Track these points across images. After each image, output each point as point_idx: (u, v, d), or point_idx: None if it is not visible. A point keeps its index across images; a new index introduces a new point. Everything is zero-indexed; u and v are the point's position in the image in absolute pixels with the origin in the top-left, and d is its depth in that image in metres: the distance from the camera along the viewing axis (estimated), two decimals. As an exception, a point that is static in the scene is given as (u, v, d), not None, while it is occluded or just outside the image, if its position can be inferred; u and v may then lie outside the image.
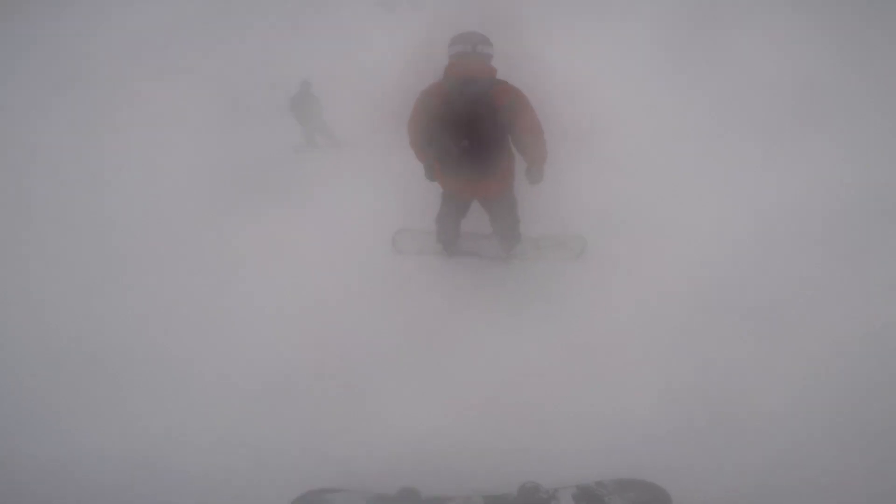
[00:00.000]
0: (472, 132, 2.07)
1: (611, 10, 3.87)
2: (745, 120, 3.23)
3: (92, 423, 2.83)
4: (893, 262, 2.73)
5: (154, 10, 4.64)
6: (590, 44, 3.72)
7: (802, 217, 2.86)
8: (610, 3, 3.99)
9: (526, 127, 2.15)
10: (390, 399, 2.67)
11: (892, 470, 2.18)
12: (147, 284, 3.40)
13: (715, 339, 2.64)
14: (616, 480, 2.25)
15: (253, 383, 2.85)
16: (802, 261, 2.75)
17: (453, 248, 2.93)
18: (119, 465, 2.68)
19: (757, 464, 2.23)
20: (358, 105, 3.71)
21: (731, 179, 3.03)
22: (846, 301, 2.63)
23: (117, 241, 3.59)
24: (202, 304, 3.25)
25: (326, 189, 3.73)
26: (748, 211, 2.95)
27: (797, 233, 2.82)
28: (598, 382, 2.59)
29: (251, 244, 3.44)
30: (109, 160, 3.92)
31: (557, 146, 2.59)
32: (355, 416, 2.68)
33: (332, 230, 3.45)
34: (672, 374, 2.57)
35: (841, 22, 3.46)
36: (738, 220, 2.93)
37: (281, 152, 4.13)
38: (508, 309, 2.91)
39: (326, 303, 3.05)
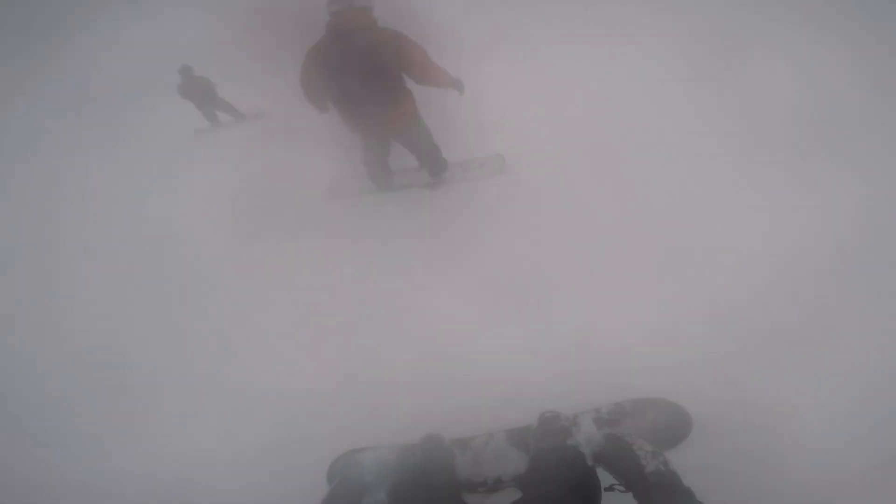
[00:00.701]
0: (361, 77, 2.21)
1: (626, 30, 3.87)
2: (766, 144, 3.16)
3: (124, 446, 3.01)
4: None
5: (172, 30, 4.95)
6: (602, 65, 3.76)
7: (823, 243, 2.75)
8: (625, 23, 3.94)
9: (416, 63, 2.27)
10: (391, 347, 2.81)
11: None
12: (165, 308, 3.62)
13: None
14: (634, 400, 2.25)
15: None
16: (823, 285, 2.63)
17: (387, 183, 3.06)
18: (152, 487, 2.79)
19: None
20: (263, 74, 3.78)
21: (751, 203, 2.97)
22: (873, 330, 2.47)
23: (141, 265, 3.82)
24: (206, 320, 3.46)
25: (256, 162, 3.84)
26: (770, 233, 2.87)
27: (817, 258, 2.71)
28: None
29: (270, 272, 3.59)
30: (132, 180, 4.17)
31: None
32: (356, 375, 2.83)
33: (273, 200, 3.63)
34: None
35: (863, 48, 3.34)
36: (760, 242, 2.85)
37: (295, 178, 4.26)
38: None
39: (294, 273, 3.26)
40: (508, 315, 2.78)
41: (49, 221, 4.28)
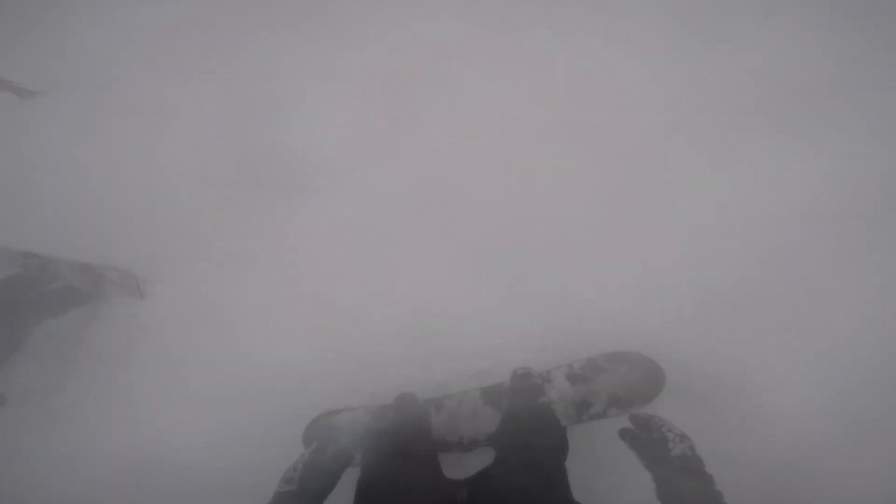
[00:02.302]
0: None
1: (607, 7, 3.66)
2: (748, 117, 3.10)
3: (91, 416, 2.85)
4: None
5: (157, 8, 4.42)
6: (583, 39, 3.57)
7: (807, 213, 2.73)
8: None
9: None
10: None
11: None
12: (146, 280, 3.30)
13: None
14: (606, 354, 2.24)
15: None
16: (806, 257, 2.62)
17: None
18: (122, 459, 2.69)
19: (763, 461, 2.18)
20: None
21: (733, 176, 2.92)
22: (850, 299, 2.49)
23: (115, 235, 3.45)
24: (199, 297, 3.19)
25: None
26: (752, 206, 2.83)
27: (801, 229, 2.69)
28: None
29: (253, 240, 3.31)
30: (111, 156, 3.80)
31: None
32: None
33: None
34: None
35: (841, 20, 3.28)
36: (741, 214, 2.81)
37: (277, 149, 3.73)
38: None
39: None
40: (487, 278, 2.75)
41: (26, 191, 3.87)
